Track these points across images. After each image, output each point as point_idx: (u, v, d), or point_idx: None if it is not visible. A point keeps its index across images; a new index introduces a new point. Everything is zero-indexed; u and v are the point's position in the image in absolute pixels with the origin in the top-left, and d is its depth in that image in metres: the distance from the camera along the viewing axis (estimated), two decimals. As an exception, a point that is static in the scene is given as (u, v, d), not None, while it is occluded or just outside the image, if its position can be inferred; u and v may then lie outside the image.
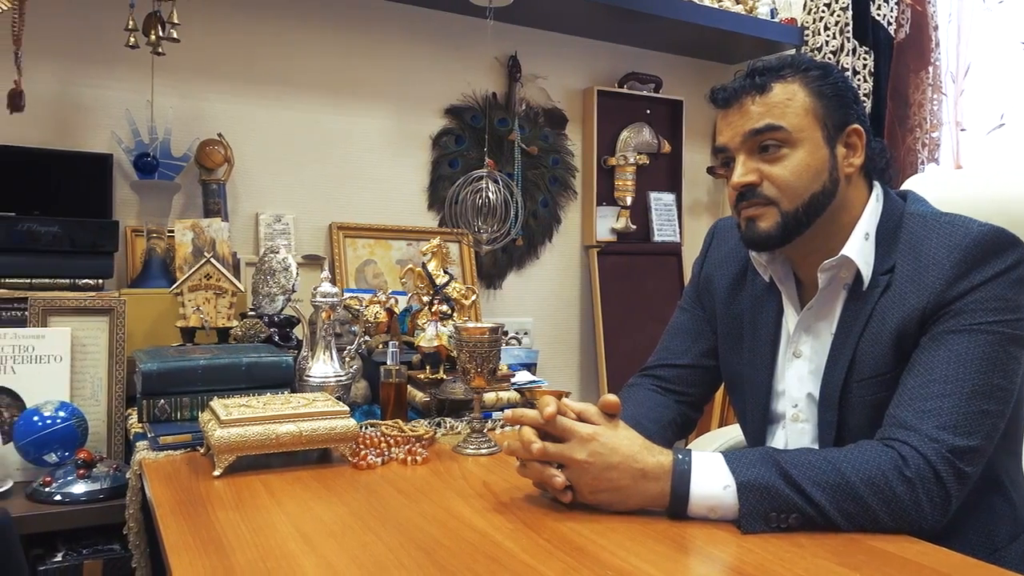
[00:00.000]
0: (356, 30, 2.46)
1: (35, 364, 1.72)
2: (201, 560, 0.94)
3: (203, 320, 1.86)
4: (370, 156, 2.51)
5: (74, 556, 1.57)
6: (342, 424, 1.35)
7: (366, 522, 1.08)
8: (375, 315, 1.91)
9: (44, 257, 1.86)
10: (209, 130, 2.22)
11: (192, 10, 2.03)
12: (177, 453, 1.41)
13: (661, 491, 1.06)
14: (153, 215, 2.13)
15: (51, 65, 2.03)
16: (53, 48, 2.02)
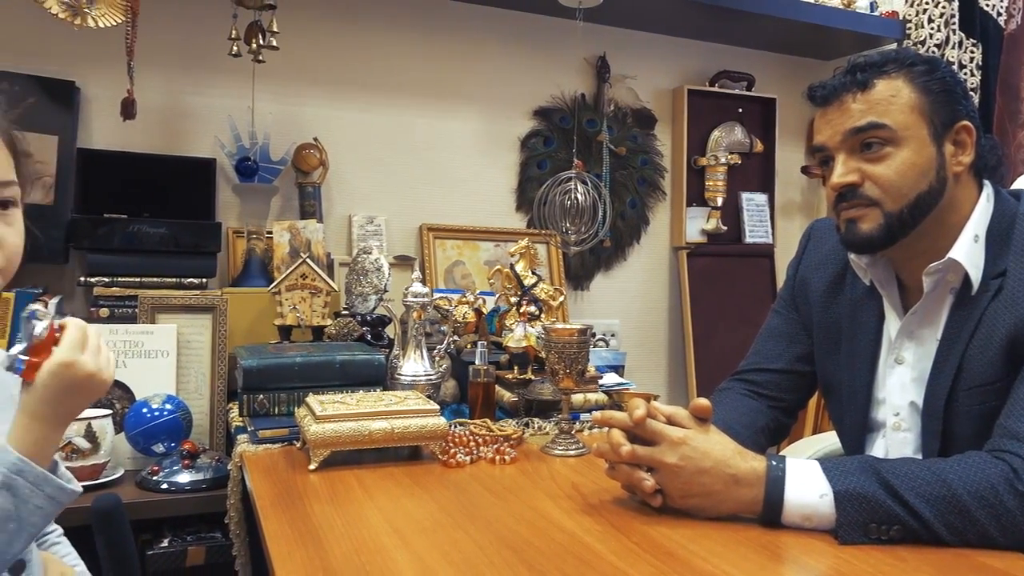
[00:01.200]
0: (446, 34, 2.49)
1: (144, 359, 1.81)
2: (299, 551, 0.97)
3: (299, 318, 1.92)
4: (460, 158, 2.54)
5: (179, 542, 1.64)
6: (432, 422, 1.37)
7: (456, 519, 1.09)
8: (464, 315, 1.93)
9: (153, 257, 1.96)
10: (305, 134, 2.29)
11: (290, 19, 2.09)
12: (275, 447, 1.46)
13: (754, 497, 1.04)
14: (253, 217, 2.22)
15: (160, 75, 2.13)
16: (162, 59, 2.12)
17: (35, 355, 0.84)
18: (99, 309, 1.87)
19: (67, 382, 0.86)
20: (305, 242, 2.09)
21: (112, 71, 1.96)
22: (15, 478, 0.81)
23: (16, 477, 0.81)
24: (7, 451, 0.82)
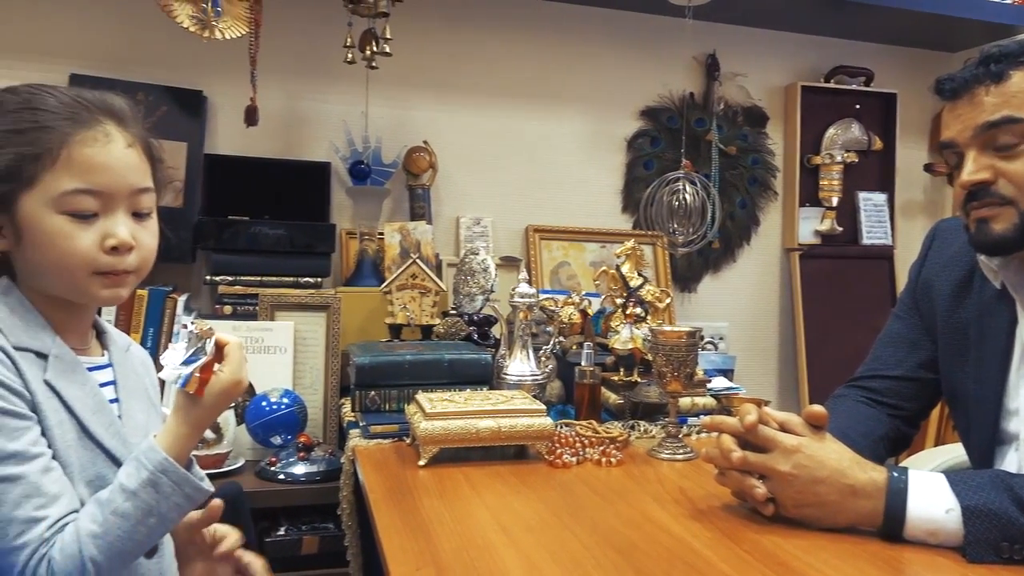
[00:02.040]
0: (553, 36, 2.50)
1: (264, 354, 1.89)
2: (410, 544, 1.00)
3: (409, 317, 1.97)
4: (565, 159, 2.54)
5: (294, 531, 1.71)
6: (539, 422, 1.38)
7: (562, 519, 1.09)
8: (569, 316, 1.93)
9: (272, 257, 2.05)
10: (416, 138, 2.34)
11: (402, 25, 2.15)
12: (385, 442, 1.51)
13: (873, 510, 1.00)
14: (365, 218, 2.29)
15: (280, 83, 2.23)
16: (282, 67, 2.22)
17: (203, 372, 0.90)
18: (223, 306, 1.97)
19: (231, 397, 0.93)
20: (415, 243, 2.14)
21: (236, 80, 2.06)
22: (161, 476, 0.86)
23: (162, 476, 0.87)
24: (155, 450, 0.87)
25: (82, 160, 0.88)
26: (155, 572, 0.96)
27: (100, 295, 0.93)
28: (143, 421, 1.00)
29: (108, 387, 0.98)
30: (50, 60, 2.06)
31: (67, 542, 0.82)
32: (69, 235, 0.88)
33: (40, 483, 0.83)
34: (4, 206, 0.88)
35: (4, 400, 0.84)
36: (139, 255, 0.93)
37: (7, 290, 0.92)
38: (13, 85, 0.93)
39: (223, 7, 1.88)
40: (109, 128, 0.91)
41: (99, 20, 2.11)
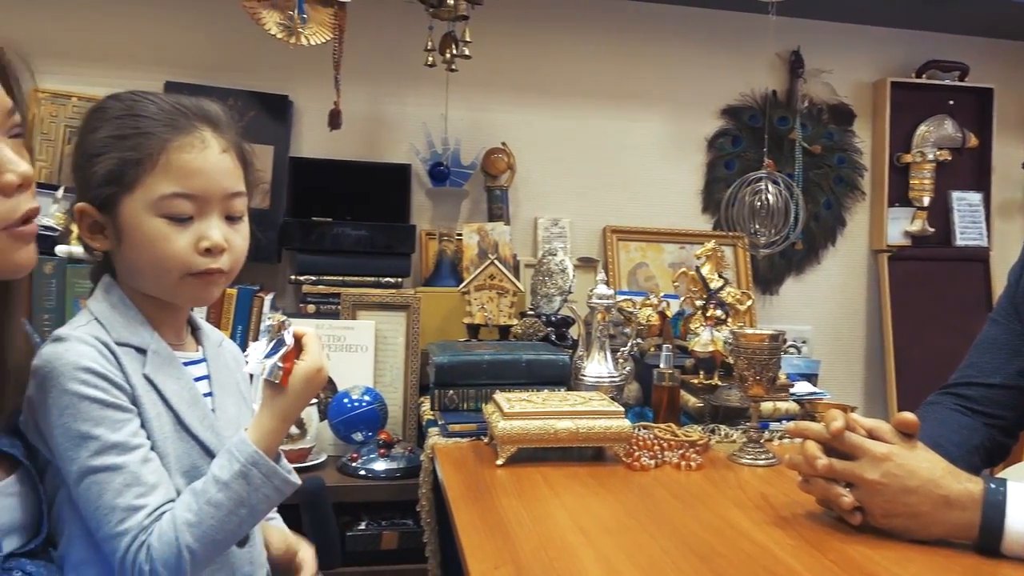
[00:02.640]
0: (632, 35, 2.48)
1: (346, 352, 1.94)
2: (489, 542, 1.01)
3: (487, 318, 1.98)
4: (644, 160, 2.52)
5: (375, 526, 1.74)
6: (617, 424, 1.37)
7: (641, 522, 1.09)
8: (647, 318, 1.92)
9: (354, 257, 2.09)
10: (494, 139, 2.36)
11: (481, 27, 2.16)
12: (464, 440, 1.52)
13: (968, 522, 0.96)
14: (444, 219, 2.32)
15: (362, 87, 2.27)
16: (364, 72, 2.26)
17: (285, 362, 0.93)
18: (307, 305, 2.03)
19: (315, 385, 0.95)
20: (493, 244, 2.15)
21: (320, 85, 2.11)
22: (251, 469, 0.89)
23: (252, 468, 0.89)
24: (246, 443, 0.90)
25: (180, 165, 0.92)
26: (246, 561, 0.99)
27: (192, 295, 0.97)
28: (235, 414, 1.03)
29: (202, 381, 1.01)
30: (146, 69, 2.15)
31: (164, 530, 0.85)
32: (166, 237, 0.92)
33: (140, 473, 0.87)
34: (107, 208, 0.93)
35: (107, 393, 0.88)
36: (231, 257, 0.96)
37: (109, 288, 0.97)
38: (117, 92, 0.97)
39: (309, 14, 1.93)
40: (205, 134, 0.95)
41: (192, 30, 2.20)
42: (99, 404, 0.87)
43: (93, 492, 0.85)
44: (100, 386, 0.88)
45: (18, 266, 0.84)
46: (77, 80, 2.11)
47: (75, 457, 0.86)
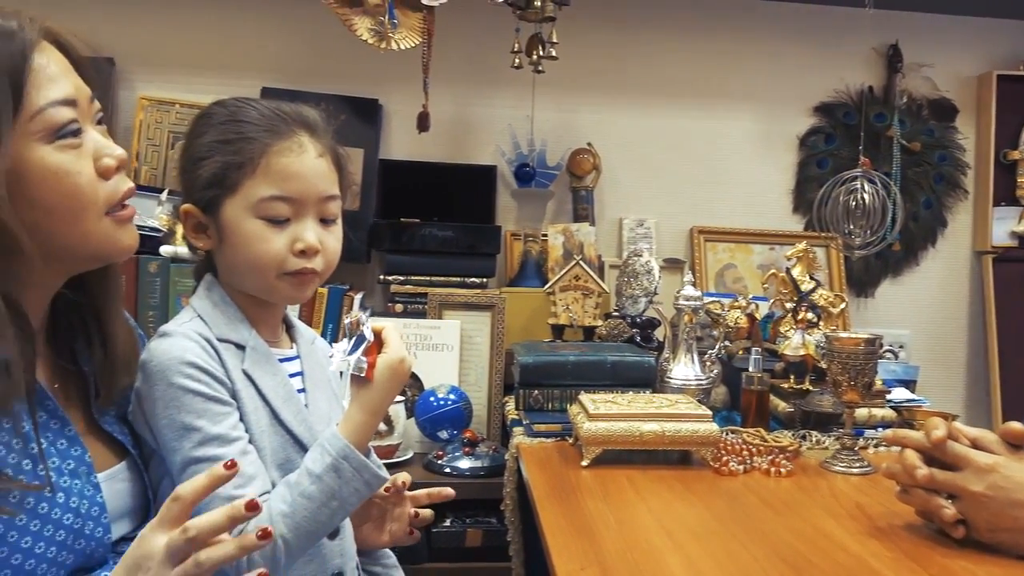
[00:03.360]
0: (720, 32, 2.44)
1: (432, 351, 1.96)
2: (575, 543, 1.01)
3: (572, 318, 1.98)
4: (733, 159, 2.47)
5: (459, 523, 1.76)
6: (704, 428, 1.35)
7: (729, 528, 1.07)
8: (736, 320, 1.88)
9: (440, 258, 2.12)
10: (580, 140, 2.35)
11: (568, 28, 2.16)
12: (548, 441, 1.52)
13: (1082, 539, 0.91)
14: (529, 220, 2.33)
15: (450, 89, 2.30)
16: (452, 74, 2.29)
17: (368, 356, 0.96)
18: (395, 305, 2.07)
19: (399, 376, 0.97)
20: (578, 244, 2.15)
21: (409, 88, 2.15)
22: (342, 462, 0.92)
23: (343, 462, 0.92)
24: (338, 437, 0.93)
25: (279, 169, 0.95)
26: (336, 553, 1.02)
27: (287, 294, 1.00)
28: (326, 410, 1.06)
29: (296, 378, 1.05)
30: (244, 75, 2.23)
31: (260, 520, 0.88)
32: (263, 238, 0.96)
33: (239, 464, 0.90)
34: (210, 209, 0.97)
35: (209, 387, 0.92)
36: (324, 258, 0.99)
37: (211, 286, 1.01)
38: (222, 99, 1.01)
39: (399, 19, 1.97)
40: (303, 139, 0.98)
41: (287, 38, 2.27)
42: (201, 397, 0.91)
43: None
44: (202, 380, 0.92)
45: (124, 248, 0.87)
46: (180, 88, 2.21)
47: (178, 448, 0.90)
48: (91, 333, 0.93)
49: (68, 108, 0.81)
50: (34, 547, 0.77)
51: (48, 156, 0.79)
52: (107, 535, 0.85)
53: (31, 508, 0.78)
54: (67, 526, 0.80)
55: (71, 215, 0.81)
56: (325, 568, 1.00)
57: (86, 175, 0.82)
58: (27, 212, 0.78)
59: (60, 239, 0.82)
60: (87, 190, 0.82)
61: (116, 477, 0.91)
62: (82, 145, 0.82)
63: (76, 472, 0.84)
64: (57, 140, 0.80)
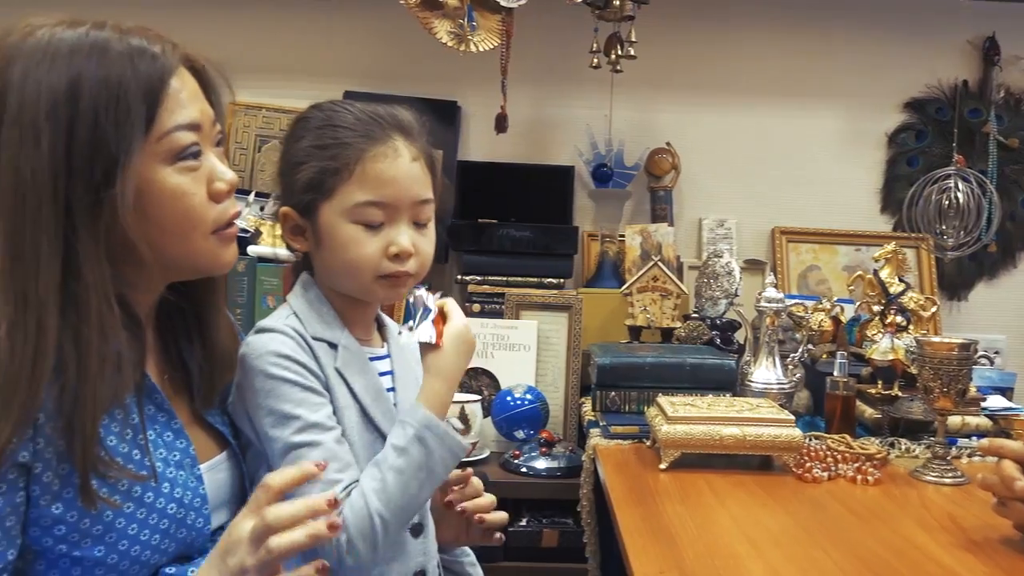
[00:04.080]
0: (805, 28, 2.38)
1: (509, 351, 1.97)
2: (653, 546, 1.00)
3: (649, 320, 1.96)
4: (817, 157, 2.41)
5: (535, 523, 1.77)
6: (787, 433, 1.32)
7: (814, 536, 1.04)
8: (820, 323, 1.84)
9: (517, 258, 2.13)
10: (658, 139, 2.33)
11: (647, 27, 2.14)
12: (625, 443, 1.51)
13: None
14: (606, 221, 2.31)
15: (527, 90, 2.31)
16: (529, 75, 2.29)
17: (436, 327, 0.98)
18: (472, 304, 2.08)
19: (468, 343, 0.99)
20: (656, 245, 2.13)
21: (487, 89, 2.17)
22: (425, 431, 0.93)
23: (426, 431, 0.94)
24: (418, 408, 0.95)
25: (374, 175, 0.97)
26: (419, 551, 1.03)
27: (382, 295, 1.03)
28: (413, 403, 1.08)
29: (386, 376, 1.06)
30: (328, 79, 2.29)
31: (355, 500, 0.91)
32: (358, 242, 0.97)
33: (336, 451, 0.93)
34: (307, 213, 0.99)
35: (305, 379, 0.95)
36: (418, 261, 1.01)
37: (307, 286, 1.04)
38: (319, 102, 1.03)
39: (478, 21, 1.99)
40: (398, 144, 0.99)
41: (368, 42, 2.32)
42: (299, 387, 0.94)
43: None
44: (299, 372, 0.95)
45: (225, 264, 0.92)
46: (267, 92, 2.28)
47: (279, 435, 0.92)
48: (192, 332, 0.97)
49: (192, 132, 0.84)
50: (139, 534, 0.81)
51: (168, 177, 0.83)
52: (207, 525, 0.89)
53: (137, 497, 0.81)
54: (170, 515, 0.84)
55: (181, 233, 0.85)
56: (408, 566, 1.01)
57: (199, 197, 0.85)
58: (142, 226, 0.81)
59: (168, 252, 0.86)
60: (199, 211, 0.85)
61: (217, 468, 0.95)
62: (200, 168, 0.86)
63: (181, 463, 0.88)
64: (178, 162, 0.83)
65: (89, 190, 0.77)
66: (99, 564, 0.79)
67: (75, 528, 0.77)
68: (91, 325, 0.77)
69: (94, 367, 0.77)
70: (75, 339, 0.77)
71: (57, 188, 0.76)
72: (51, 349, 0.75)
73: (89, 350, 0.77)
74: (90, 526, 0.78)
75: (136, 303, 0.88)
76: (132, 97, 0.78)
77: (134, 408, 0.84)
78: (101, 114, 0.77)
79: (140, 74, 0.79)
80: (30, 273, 0.75)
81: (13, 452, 0.74)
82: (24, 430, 0.74)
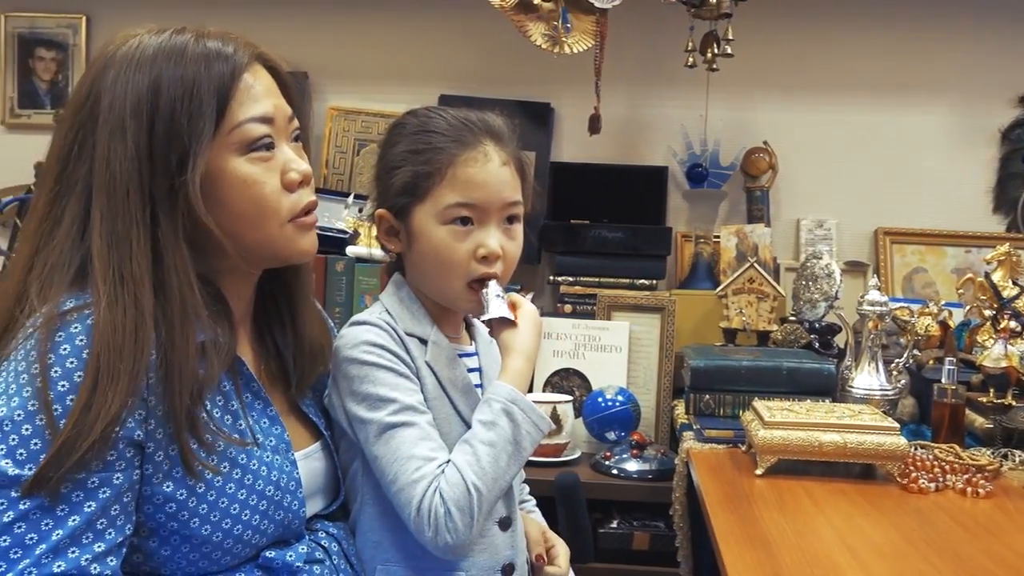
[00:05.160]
0: (910, 21, 2.29)
1: (600, 352, 1.97)
2: (749, 553, 0.98)
3: (745, 322, 1.93)
4: (923, 155, 2.31)
5: (626, 526, 1.76)
6: (891, 441, 1.28)
7: (920, 550, 1.01)
8: (926, 328, 1.77)
9: (610, 259, 2.13)
10: (755, 138, 2.28)
11: (744, 25, 2.10)
12: (720, 447, 1.49)
13: None
14: (700, 221, 2.28)
15: (621, 90, 2.30)
16: (623, 75, 2.28)
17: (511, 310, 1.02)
18: (564, 305, 2.09)
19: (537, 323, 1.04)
20: (752, 246, 2.09)
21: (581, 90, 2.17)
22: (511, 405, 0.96)
23: (512, 404, 0.96)
24: (501, 385, 0.98)
25: (465, 178, 1.00)
26: (508, 545, 1.04)
27: (466, 306, 1.05)
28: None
29: (474, 373, 1.09)
30: (423, 84, 2.33)
31: (450, 474, 0.93)
32: (449, 245, 1.01)
33: (430, 432, 0.97)
34: (401, 215, 1.03)
35: (399, 367, 0.99)
36: (505, 263, 1.03)
37: (400, 285, 1.08)
38: (414, 109, 1.07)
39: (572, 23, 1.99)
40: (488, 148, 1.02)
41: (461, 45, 2.35)
42: (393, 373, 0.98)
43: (392, 444, 0.95)
44: (392, 360, 0.98)
45: (303, 252, 0.95)
46: (364, 98, 2.35)
47: (374, 417, 0.96)
48: (285, 322, 1.02)
49: (264, 125, 0.89)
50: (240, 513, 0.85)
51: (239, 167, 0.88)
52: (302, 508, 0.93)
53: (238, 479, 0.86)
54: (268, 497, 0.88)
55: (255, 220, 0.90)
56: (497, 559, 1.03)
57: (271, 186, 0.89)
58: (218, 213, 0.87)
59: (245, 239, 0.90)
60: (271, 199, 0.89)
61: (311, 456, 0.99)
62: (273, 159, 0.90)
63: (276, 448, 0.92)
64: (250, 152, 0.88)
65: (167, 179, 0.83)
66: (205, 542, 0.84)
67: (184, 506, 0.82)
68: (175, 306, 0.83)
69: (180, 344, 0.82)
70: (165, 318, 0.82)
71: (142, 178, 0.83)
72: (149, 322, 0.81)
73: (174, 328, 0.82)
74: (196, 505, 0.83)
75: (229, 293, 0.93)
76: (204, 93, 0.84)
77: (233, 394, 0.89)
78: (177, 109, 0.83)
79: (213, 72, 0.85)
80: (124, 255, 0.82)
81: (130, 430, 0.79)
82: (134, 400, 0.78)
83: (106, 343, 0.78)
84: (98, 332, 0.78)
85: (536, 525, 1.18)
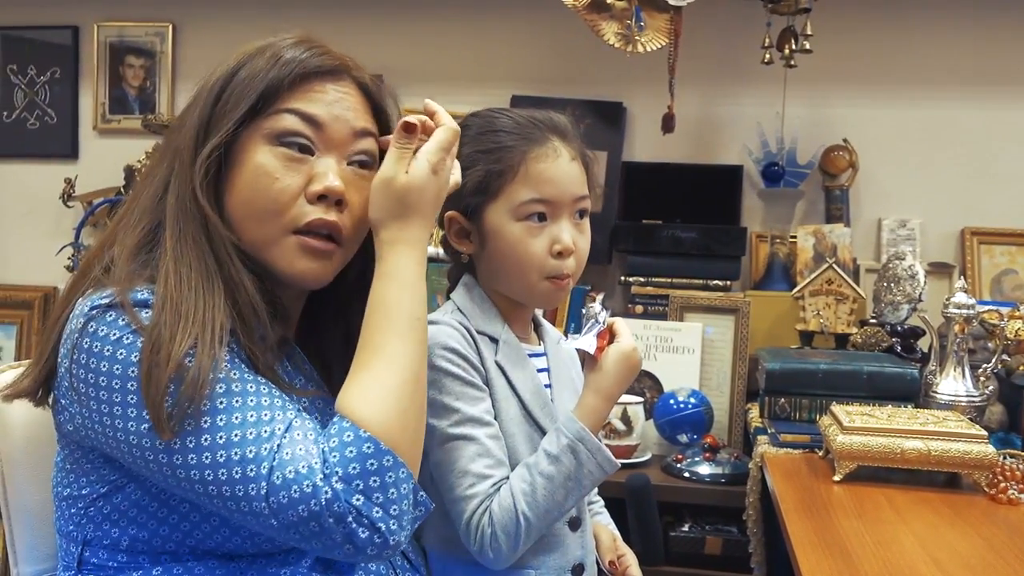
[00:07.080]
0: (1001, 11, 2.19)
1: (672, 354, 1.95)
2: (827, 561, 0.96)
3: (823, 325, 1.88)
4: (1013, 152, 2.20)
5: (698, 529, 1.74)
6: (978, 449, 1.23)
7: (1010, 563, 0.97)
8: (1016, 332, 1.69)
9: (683, 260, 2.10)
10: (834, 136, 2.22)
11: (823, 19, 2.05)
12: (795, 452, 1.46)
13: None
14: (777, 221, 2.23)
15: (695, 89, 2.26)
16: (697, 73, 2.25)
17: (599, 340, 1.00)
18: (635, 306, 2.07)
19: (630, 365, 1.01)
20: (830, 247, 2.03)
21: (654, 89, 2.15)
22: (578, 444, 0.96)
23: (579, 443, 0.96)
24: (573, 420, 0.97)
25: (536, 174, 1.01)
26: (578, 545, 1.05)
27: (542, 299, 1.06)
28: (570, 407, 1.09)
29: (543, 373, 1.09)
30: (495, 85, 2.34)
31: (504, 497, 0.94)
32: (524, 241, 1.01)
33: (490, 447, 0.97)
34: (473, 216, 1.04)
35: (467, 372, 0.99)
36: (576, 259, 1.04)
37: (471, 285, 1.09)
38: (476, 111, 1.09)
39: (645, 21, 1.97)
40: (556, 144, 1.03)
41: (533, 46, 2.35)
42: (460, 381, 0.98)
43: (451, 457, 0.96)
44: (461, 365, 0.99)
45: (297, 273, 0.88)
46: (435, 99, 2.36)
47: (436, 424, 0.97)
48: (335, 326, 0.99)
49: (302, 122, 0.86)
50: None
51: (260, 153, 0.86)
52: None
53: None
54: None
55: (257, 215, 0.86)
56: (567, 559, 1.03)
57: (283, 184, 0.85)
58: (230, 197, 0.87)
59: (248, 236, 0.87)
60: (278, 197, 0.85)
61: None
62: (303, 162, 0.86)
63: None
64: (278, 145, 0.87)
65: (206, 155, 0.85)
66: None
67: None
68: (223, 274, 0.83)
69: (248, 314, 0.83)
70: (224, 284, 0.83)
71: (195, 151, 0.85)
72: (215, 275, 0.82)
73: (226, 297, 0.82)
74: None
75: (278, 293, 0.89)
76: (259, 81, 0.87)
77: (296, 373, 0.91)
78: (233, 92, 0.87)
79: (278, 67, 0.87)
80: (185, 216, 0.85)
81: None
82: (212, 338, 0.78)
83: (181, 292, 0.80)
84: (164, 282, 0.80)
85: (608, 532, 1.17)
